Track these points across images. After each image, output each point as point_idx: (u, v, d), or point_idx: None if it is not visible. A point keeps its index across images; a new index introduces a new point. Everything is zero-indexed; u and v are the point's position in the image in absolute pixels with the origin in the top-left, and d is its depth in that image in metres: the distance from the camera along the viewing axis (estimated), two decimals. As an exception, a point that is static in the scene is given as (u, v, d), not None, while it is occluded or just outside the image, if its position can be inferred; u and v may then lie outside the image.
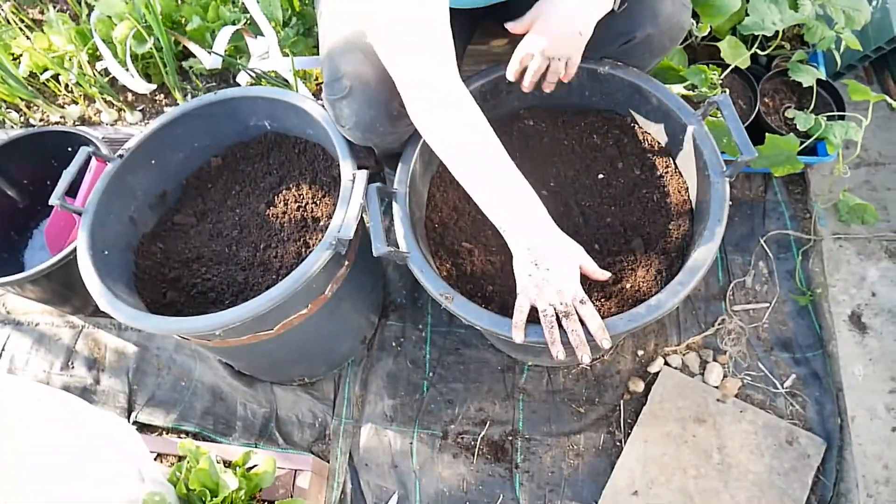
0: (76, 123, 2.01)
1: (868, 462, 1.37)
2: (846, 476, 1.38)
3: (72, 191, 1.65)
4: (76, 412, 1.18)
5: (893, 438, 1.38)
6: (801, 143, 1.51)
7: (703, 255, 1.11)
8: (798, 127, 1.50)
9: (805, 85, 1.54)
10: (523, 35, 1.18)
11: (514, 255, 1.07)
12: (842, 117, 1.57)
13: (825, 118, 1.50)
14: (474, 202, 1.38)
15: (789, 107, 1.64)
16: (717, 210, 1.13)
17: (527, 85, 1.24)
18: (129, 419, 1.60)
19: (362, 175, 1.21)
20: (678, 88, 1.48)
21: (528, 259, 1.04)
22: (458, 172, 1.08)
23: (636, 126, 1.38)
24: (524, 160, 1.43)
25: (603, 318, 1.10)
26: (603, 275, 1.07)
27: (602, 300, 1.25)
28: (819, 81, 1.57)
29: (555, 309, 1.03)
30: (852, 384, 1.44)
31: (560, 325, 1.03)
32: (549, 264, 1.03)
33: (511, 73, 1.22)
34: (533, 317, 1.25)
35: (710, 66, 1.51)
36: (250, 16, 1.80)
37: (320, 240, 1.26)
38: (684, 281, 1.09)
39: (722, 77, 1.53)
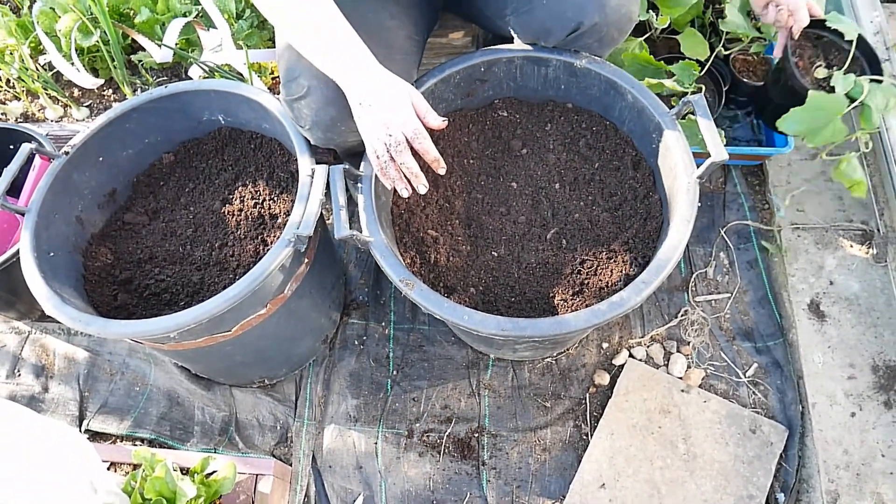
0: (18, 120, 1.92)
1: (829, 447, 1.39)
2: (808, 462, 1.40)
3: (14, 190, 1.58)
4: (21, 422, 1.13)
5: (852, 424, 1.40)
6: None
7: (669, 253, 1.10)
8: (836, 89, 1.30)
9: (847, 38, 1.34)
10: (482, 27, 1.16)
11: (349, 102, 1.07)
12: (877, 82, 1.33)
13: (868, 79, 1.27)
14: (442, 189, 1.36)
15: (820, 65, 1.41)
16: (686, 210, 1.13)
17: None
18: (80, 428, 1.53)
19: (322, 170, 1.17)
20: (668, 83, 1.43)
21: (356, 100, 1.04)
22: (285, 22, 1.06)
23: (609, 122, 1.37)
24: (496, 151, 1.42)
25: (568, 312, 1.07)
26: (436, 119, 1.05)
27: (569, 295, 1.23)
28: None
29: (387, 146, 1.03)
30: (812, 371, 1.46)
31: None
32: (372, 100, 1.02)
33: None
34: (493, 308, 1.23)
35: (688, 60, 1.49)
36: (202, 7, 1.74)
37: (278, 237, 1.22)
38: (648, 280, 1.08)
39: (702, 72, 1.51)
